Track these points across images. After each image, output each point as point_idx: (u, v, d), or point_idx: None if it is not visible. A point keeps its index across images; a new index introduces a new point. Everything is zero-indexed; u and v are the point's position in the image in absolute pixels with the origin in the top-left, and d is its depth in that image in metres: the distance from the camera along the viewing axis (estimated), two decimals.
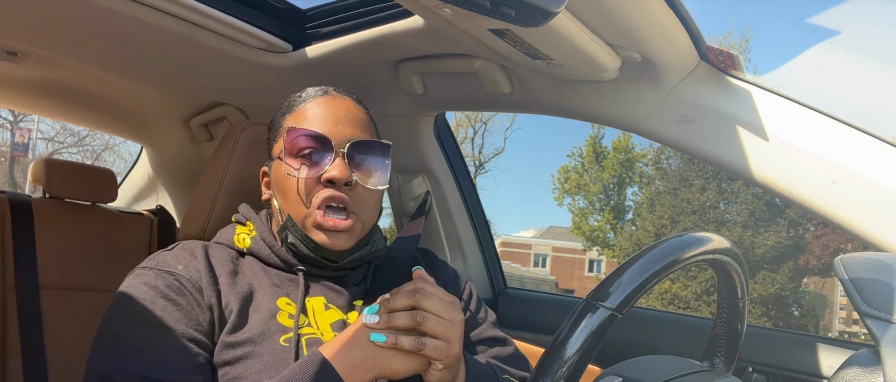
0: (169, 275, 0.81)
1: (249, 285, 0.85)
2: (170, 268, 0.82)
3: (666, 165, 17.40)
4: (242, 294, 0.83)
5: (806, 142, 0.94)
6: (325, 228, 0.84)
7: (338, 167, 0.83)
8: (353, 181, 0.85)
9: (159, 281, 0.80)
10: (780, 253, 15.02)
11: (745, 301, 0.70)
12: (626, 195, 19.34)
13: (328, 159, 0.84)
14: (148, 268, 0.83)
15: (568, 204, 19.95)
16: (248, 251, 0.89)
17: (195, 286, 0.81)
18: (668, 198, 16.63)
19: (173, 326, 0.77)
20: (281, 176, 0.87)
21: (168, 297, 0.79)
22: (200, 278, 0.82)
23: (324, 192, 0.84)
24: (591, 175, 19.43)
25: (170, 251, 0.86)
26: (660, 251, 0.60)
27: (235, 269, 0.87)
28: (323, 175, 0.83)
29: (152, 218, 1.89)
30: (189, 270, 0.82)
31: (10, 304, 1.55)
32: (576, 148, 20.19)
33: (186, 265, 0.83)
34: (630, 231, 18.07)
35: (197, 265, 0.84)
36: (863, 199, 0.88)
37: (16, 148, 17.38)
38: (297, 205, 0.85)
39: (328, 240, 0.84)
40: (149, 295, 0.79)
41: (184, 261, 0.84)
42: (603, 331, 0.56)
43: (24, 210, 1.63)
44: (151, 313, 0.77)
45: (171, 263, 0.83)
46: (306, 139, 0.84)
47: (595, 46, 0.97)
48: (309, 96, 0.92)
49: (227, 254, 0.88)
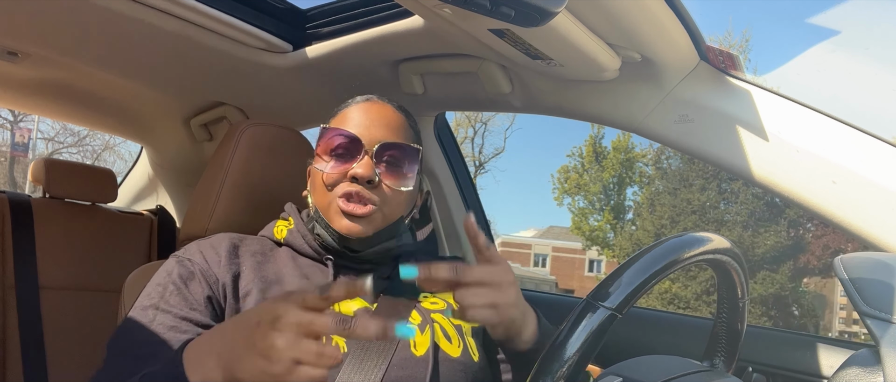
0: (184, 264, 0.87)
1: (277, 272, 0.90)
2: (188, 256, 0.88)
3: (666, 165, 17.40)
4: (267, 279, 0.87)
5: (806, 142, 0.94)
6: (345, 212, 0.87)
7: (364, 165, 0.87)
8: (377, 180, 0.88)
9: (177, 269, 0.86)
10: (780, 253, 15.02)
11: (745, 301, 0.70)
12: (626, 195, 19.34)
13: (357, 157, 0.88)
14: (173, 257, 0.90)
15: (568, 204, 19.96)
16: (284, 241, 0.94)
17: (204, 271, 0.86)
18: (668, 198, 16.62)
19: (173, 307, 0.82)
20: (314, 172, 0.93)
21: (177, 282, 0.84)
22: (214, 263, 0.87)
23: (346, 186, 0.88)
24: (591, 175, 19.43)
25: (197, 242, 0.92)
26: (660, 251, 0.60)
27: (266, 258, 0.91)
28: (350, 171, 0.87)
29: (152, 218, 1.89)
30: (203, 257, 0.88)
31: (10, 304, 1.55)
32: (576, 148, 20.18)
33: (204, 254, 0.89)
34: (630, 231, 18.07)
35: (216, 252, 0.89)
36: (863, 199, 0.88)
37: (16, 148, 17.38)
38: (323, 195, 0.90)
39: (347, 225, 0.87)
40: (162, 280, 0.86)
41: (204, 250, 0.89)
42: (603, 331, 0.56)
43: (24, 210, 1.63)
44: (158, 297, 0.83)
45: (191, 250, 0.90)
46: (339, 138, 0.90)
47: (595, 46, 0.97)
48: (353, 102, 0.97)
49: (261, 245, 0.94)
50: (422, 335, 0.86)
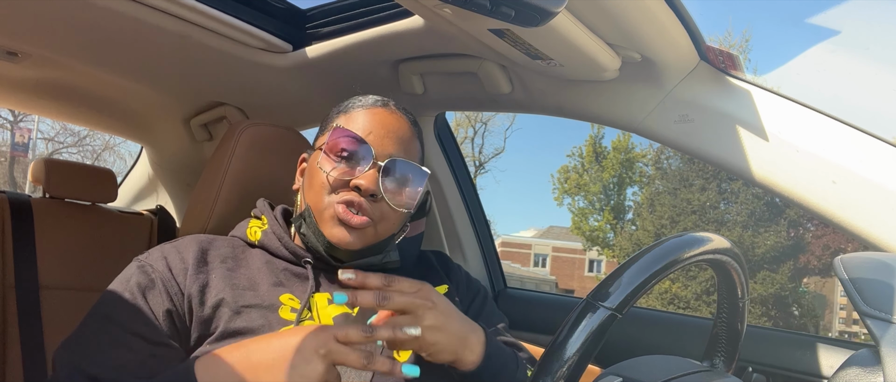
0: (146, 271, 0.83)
1: (250, 278, 0.86)
2: (151, 262, 0.84)
3: (666, 165, 17.39)
4: (238, 286, 0.84)
5: (806, 142, 0.94)
6: (342, 220, 0.83)
7: (369, 178, 0.83)
8: (380, 196, 0.84)
9: (135, 277, 0.83)
10: (780, 253, 15.01)
11: (745, 301, 0.70)
12: (626, 195, 19.34)
13: (364, 166, 0.84)
14: (135, 262, 0.86)
15: (568, 204, 19.96)
16: (258, 243, 0.90)
17: (166, 281, 0.82)
18: (668, 198, 16.62)
19: (125, 321, 0.78)
20: (315, 167, 0.87)
21: (134, 292, 0.81)
22: (179, 272, 0.83)
23: (348, 194, 0.84)
24: (591, 175, 19.43)
25: (161, 247, 0.88)
26: (660, 251, 0.59)
27: (237, 263, 0.88)
28: (353, 180, 0.84)
29: (152, 218, 1.89)
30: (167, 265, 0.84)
31: (10, 304, 1.54)
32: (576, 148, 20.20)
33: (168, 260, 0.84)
34: (630, 231, 18.07)
35: (181, 259, 0.85)
36: (863, 199, 0.88)
37: (16, 148, 17.38)
38: (320, 197, 0.86)
39: (340, 235, 0.84)
40: (119, 287, 0.82)
41: (169, 256, 0.85)
42: (603, 331, 0.56)
43: (24, 210, 1.63)
44: (112, 306, 0.80)
45: (154, 256, 0.85)
46: (349, 141, 0.85)
47: (595, 46, 0.97)
48: (368, 103, 0.91)
49: (232, 248, 0.90)
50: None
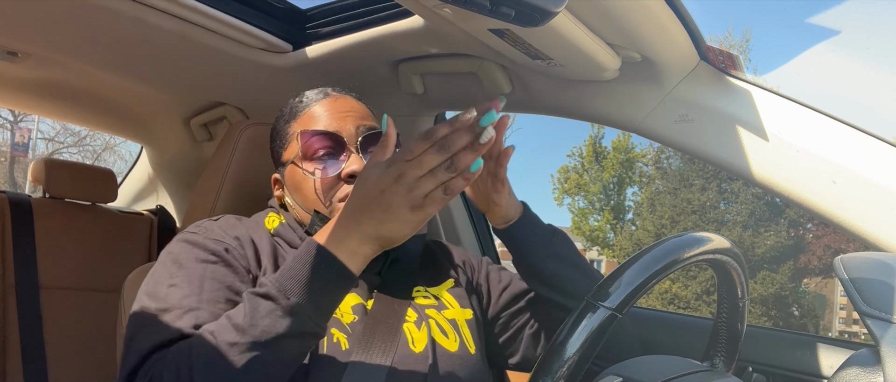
0: (217, 242, 0.81)
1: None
2: (216, 236, 0.82)
3: (666, 165, 17.38)
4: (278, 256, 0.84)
5: (806, 142, 0.94)
6: None
7: (355, 162, 0.86)
8: None
9: (208, 242, 0.81)
10: (780, 253, 15.01)
11: (745, 301, 0.70)
12: (626, 195, 19.32)
13: (343, 155, 0.86)
14: (195, 233, 0.83)
15: (568, 204, 19.93)
16: (274, 232, 0.91)
17: (240, 254, 0.82)
18: (668, 198, 16.61)
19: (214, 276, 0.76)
20: (298, 179, 0.88)
21: (214, 253, 0.79)
22: (245, 246, 0.83)
23: (345, 188, 0.86)
24: (591, 175, 19.41)
25: (216, 221, 0.87)
26: (660, 251, 0.60)
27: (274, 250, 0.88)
28: (342, 171, 0.85)
29: (152, 218, 1.89)
30: (234, 238, 0.83)
31: (10, 304, 1.55)
32: (576, 148, 20.13)
33: (234, 233, 0.84)
34: (630, 231, 18.07)
35: (241, 233, 0.84)
36: (863, 199, 0.88)
37: (16, 148, 17.38)
38: (317, 204, 0.87)
39: None
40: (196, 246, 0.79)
41: (230, 230, 0.84)
42: (603, 331, 0.56)
43: (24, 210, 1.63)
44: (196, 260, 0.77)
45: (217, 231, 0.83)
46: (320, 140, 0.87)
47: (595, 46, 0.97)
48: (311, 100, 0.94)
49: (263, 232, 0.90)
50: (419, 331, 0.85)
